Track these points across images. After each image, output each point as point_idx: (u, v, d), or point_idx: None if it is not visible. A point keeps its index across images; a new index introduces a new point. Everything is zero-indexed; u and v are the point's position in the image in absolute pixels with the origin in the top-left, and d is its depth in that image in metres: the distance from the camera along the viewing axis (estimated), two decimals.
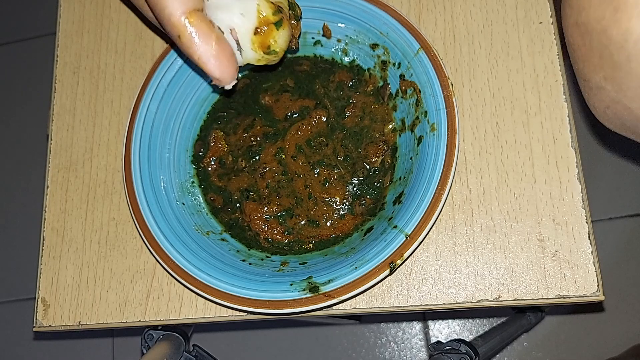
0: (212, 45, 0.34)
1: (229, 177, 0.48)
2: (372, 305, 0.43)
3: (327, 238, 0.45)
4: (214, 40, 0.34)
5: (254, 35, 0.37)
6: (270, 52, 0.38)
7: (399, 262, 0.39)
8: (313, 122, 0.47)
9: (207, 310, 0.45)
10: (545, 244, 0.42)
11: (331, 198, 0.45)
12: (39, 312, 0.48)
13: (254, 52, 0.37)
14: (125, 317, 0.46)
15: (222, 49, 0.35)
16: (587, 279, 0.41)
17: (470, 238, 0.43)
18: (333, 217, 0.45)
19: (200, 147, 0.49)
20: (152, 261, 0.47)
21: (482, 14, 0.47)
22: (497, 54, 0.46)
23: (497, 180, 0.44)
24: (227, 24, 0.36)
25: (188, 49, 0.34)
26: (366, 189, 0.45)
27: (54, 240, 0.49)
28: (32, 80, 1.38)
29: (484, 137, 0.45)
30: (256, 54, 0.38)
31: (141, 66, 0.52)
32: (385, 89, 0.46)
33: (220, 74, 0.35)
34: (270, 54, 0.38)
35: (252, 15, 0.36)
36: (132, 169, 0.45)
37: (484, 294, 0.42)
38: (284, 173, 0.47)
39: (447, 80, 0.42)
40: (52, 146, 0.52)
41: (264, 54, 0.38)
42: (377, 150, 0.45)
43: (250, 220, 0.46)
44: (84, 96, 0.53)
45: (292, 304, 0.40)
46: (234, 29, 0.36)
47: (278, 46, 0.38)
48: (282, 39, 0.38)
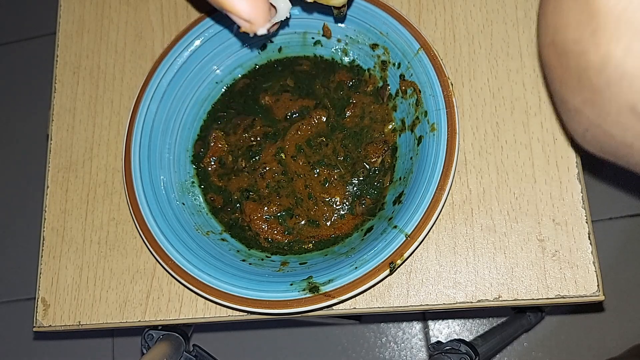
0: None
1: (229, 177, 0.48)
2: (372, 305, 0.43)
3: (327, 238, 0.45)
4: None
5: None
6: None
7: (399, 262, 0.39)
8: (313, 122, 0.47)
9: (207, 310, 0.45)
10: (545, 244, 0.42)
11: (331, 198, 0.45)
12: (39, 312, 0.48)
13: None
14: (125, 317, 0.46)
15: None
16: (587, 279, 0.41)
17: (470, 238, 0.43)
18: (333, 217, 0.45)
19: (200, 147, 0.49)
20: (152, 261, 0.47)
21: (482, 14, 0.47)
22: (497, 54, 0.46)
23: (497, 180, 0.44)
24: None
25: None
26: (366, 189, 0.45)
27: (54, 240, 0.49)
28: (32, 80, 1.38)
29: (484, 137, 0.45)
30: None
31: (141, 66, 0.52)
32: (384, 89, 0.46)
33: (250, 14, 0.31)
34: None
35: None
36: (132, 169, 0.45)
37: (484, 294, 0.42)
38: (284, 173, 0.47)
39: (447, 80, 0.42)
40: (52, 146, 0.52)
41: None
42: (377, 150, 0.45)
43: (250, 220, 0.46)
44: (84, 96, 0.53)
45: (292, 304, 0.40)
46: None
47: None
48: None
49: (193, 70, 0.48)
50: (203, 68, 0.49)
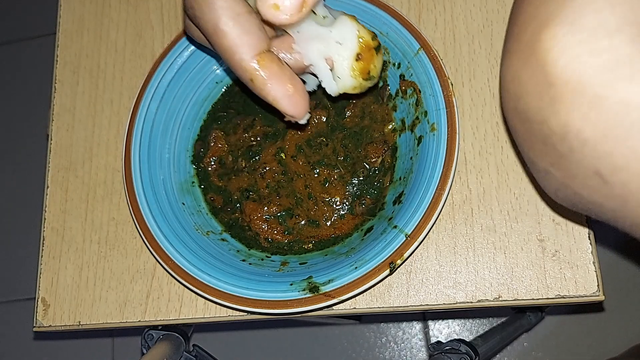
0: (285, 85, 0.34)
1: (229, 177, 0.48)
2: (372, 305, 0.43)
3: (327, 238, 0.45)
4: (287, 80, 0.34)
5: (356, 61, 0.36)
6: (369, 78, 0.37)
7: (399, 262, 0.39)
8: (313, 122, 0.47)
9: (207, 310, 0.45)
10: (545, 244, 0.42)
11: (331, 198, 0.45)
12: (39, 312, 0.48)
13: (353, 79, 0.36)
14: (125, 317, 0.46)
15: (296, 87, 0.34)
16: (587, 279, 0.41)
17: (470, 238, 0.43)
18: (333, 217, 0.45)
19: (200, 147, 0.49)
20: (152, 261, 0.47)
21: (482, 14, 0.47)
22: (497, 54, 0.46)
23: (497, 180, 0.44)
24: (322, 53, 0.35)
25: (261, 91, 0.34)
26: (366, 189, 0.45)
27: (54, 240, 0.49)
28: (32, 80, 1.38)
29: (484, 137, 0.45)
30: (355, 81, 0.36)
31: (141, 66, 0.52)
32: (384, 90, 0.46)
33: (294, 112, 0.35)
34: (369, 80, 0.37)
35: (352, 42, 0.35)
36: (132, 169, 0.45)
37: (484, 294, 0.42)
38: (284, 173, 0.47)
39: (447, 80, 0.42)
40: (52, 146, 0.52)
41: (363, 80, 0.36)
42: (377, 150, 0.45)
43: (250, 220, 0.46)
44: (83, 96, 0.53)
45: (292, 304, 0.40)
46: (330, 58, 0.35)
47: (376, 71, 0.37)
48: (380, 63, 0.37)
49: (193, 70, 0.48)
50: (203, 68, 0.49)
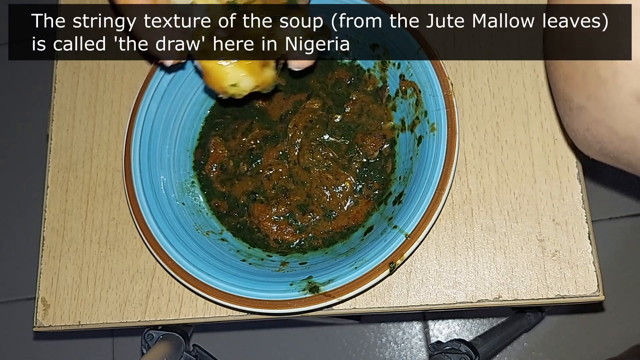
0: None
1: (232, 182, 0.48)
2: (372, 305, 0.43)
3: (340, 230, 0.45)
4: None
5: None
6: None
7: (399, 262, 0.39)
8: (310, 108, 0.47)
9: (207, 310, 0.45)
10: (545, 244, 0.42)
11: (340, 186, 0.45)
12: (39, 312, 0.48)
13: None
14: (125, 317, 0.46)
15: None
16: (587, 279, 0.41)
17: (470, 238, 0.43)
18: (347, 203, 0.45)
19: (201, 155, 0.49)
20: (152, 261, 0.47)
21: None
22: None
23: (497, 180, 0.44)
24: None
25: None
26: (371, 175, 0.46)
27: (54, 240, 0.49)
28: (32, 80, 1.38)
29: (484, 137, 0.45)
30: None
31: (141, 66, 0.52)
32: (384, 90, 0.46)
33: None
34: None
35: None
36: (132, 169, 0.45)
37: (484, 294, 0.42)
38: (290, 173, 0.47)
39: (447, 80, 0.42)
40: (52, 146, 0.52)
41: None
42: (375, 141, 0.46)
43: (259, 222, 0.46)
44: (84, 96, 0.53)
45: (292, 304, 0.40)
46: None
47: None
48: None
49: (193, 70, 0.48)
50: None
